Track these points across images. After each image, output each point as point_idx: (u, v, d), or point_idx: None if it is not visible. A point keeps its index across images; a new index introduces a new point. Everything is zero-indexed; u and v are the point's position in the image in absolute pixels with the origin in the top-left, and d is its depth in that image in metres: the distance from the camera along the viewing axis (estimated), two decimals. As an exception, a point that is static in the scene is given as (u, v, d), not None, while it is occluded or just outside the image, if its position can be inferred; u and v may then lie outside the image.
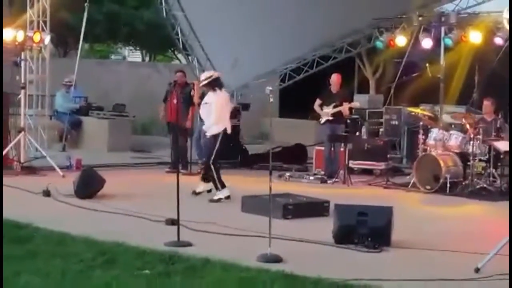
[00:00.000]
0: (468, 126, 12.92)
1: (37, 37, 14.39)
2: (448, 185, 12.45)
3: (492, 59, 15.83)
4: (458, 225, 10.00)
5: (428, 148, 13.20)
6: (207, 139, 11.43)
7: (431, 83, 15.55)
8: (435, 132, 13.25)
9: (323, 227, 8.70)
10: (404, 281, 6.90)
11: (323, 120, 14.24)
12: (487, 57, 16.11)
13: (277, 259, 7.44)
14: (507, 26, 11.98)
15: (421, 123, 13.79)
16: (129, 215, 9.67)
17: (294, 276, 6.85)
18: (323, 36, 18.07)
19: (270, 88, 8.44)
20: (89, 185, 11.12)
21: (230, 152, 14.48)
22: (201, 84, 11.57)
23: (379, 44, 17.06)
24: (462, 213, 11.16)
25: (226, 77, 18.12)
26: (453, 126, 13.76)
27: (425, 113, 14.13)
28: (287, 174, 13.97)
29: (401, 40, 16.46)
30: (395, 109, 17.13)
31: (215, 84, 11.36)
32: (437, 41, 15.35)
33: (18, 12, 15.94)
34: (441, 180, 12.48)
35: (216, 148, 11.20)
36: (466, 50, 16.14)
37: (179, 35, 17.65)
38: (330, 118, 14.12)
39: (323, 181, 13.66)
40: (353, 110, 14.79)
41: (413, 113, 14.69)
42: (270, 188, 7.86)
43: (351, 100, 14.64)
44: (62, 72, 17.55)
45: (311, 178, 13.84)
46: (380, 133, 16.87)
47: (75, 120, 17.78)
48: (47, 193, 11.04)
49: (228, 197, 11.15)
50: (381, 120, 17.33)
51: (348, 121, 14.66)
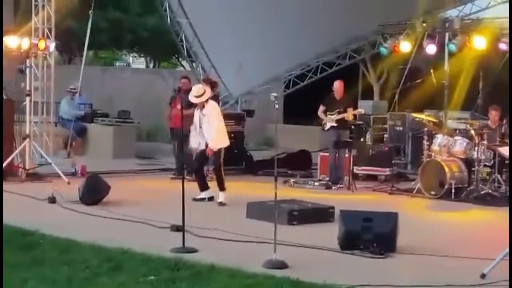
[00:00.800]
0: (473, 132, 12.91)
1: (42, 45, 14.46)
2: (453, 191, 12.42)
3: (497, 65, 15.81)
4: (463, 231, 9.99)
5: (433, 154, 13.18)
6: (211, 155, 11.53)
7: (436, 89, 15.56)
8: (440, 138, 13.22)
9: (329, 233, 8.71)
10: (410, 287, 6.90)
11: (328, 127, 14.26)
12: (492, 63, 16.09)
13: (283, 265, 7.43)
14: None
15: (426, 129, 13.81)
16: (135, 222, 9.68)
17: (300, 282, 6.85)
18: (327, 43, 18.11)
19: (275, 95, 8.45)
20: (95, 192, 11.13)
21: (235, 159, 14.51)
22: (193, 102, 11.58)
23: (383, 50, 17.04)
24: (467, 219, 11.17)
25: (231, 84, 18.33)
26: (458, 132, 13.74)
27: (430, 119, 14.14)
28: (292, 180, 13.98)
29: (405, 46, 16.43)
30: (400, 115, 17.09)
31: (207, 100, 11.48)
32: (441, 47, 15.34)
33: (23, 20, 15.98)
34: (446, 186, 12.46)
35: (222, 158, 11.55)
36: (470, 56, 16.10)
37: (184, 42, 17.71)
38: (335, 125, 14.15)
39: (328, 187, 13.66)
40: (357, 116, 14.79)
41: (418, 119, 14.71)
42: (276, 194, 7.87)
43: (355, 106, 14.66)
44: (67, 79, 17.56)
45: (316, 184, 13.85)
46: (385, 139, 16.83)
47: (80, 127, 17.79)
48: (53, 200, 11.04)
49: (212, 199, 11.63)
50: (386, 126, 17.29)
51: (353, 127, 14.66)
